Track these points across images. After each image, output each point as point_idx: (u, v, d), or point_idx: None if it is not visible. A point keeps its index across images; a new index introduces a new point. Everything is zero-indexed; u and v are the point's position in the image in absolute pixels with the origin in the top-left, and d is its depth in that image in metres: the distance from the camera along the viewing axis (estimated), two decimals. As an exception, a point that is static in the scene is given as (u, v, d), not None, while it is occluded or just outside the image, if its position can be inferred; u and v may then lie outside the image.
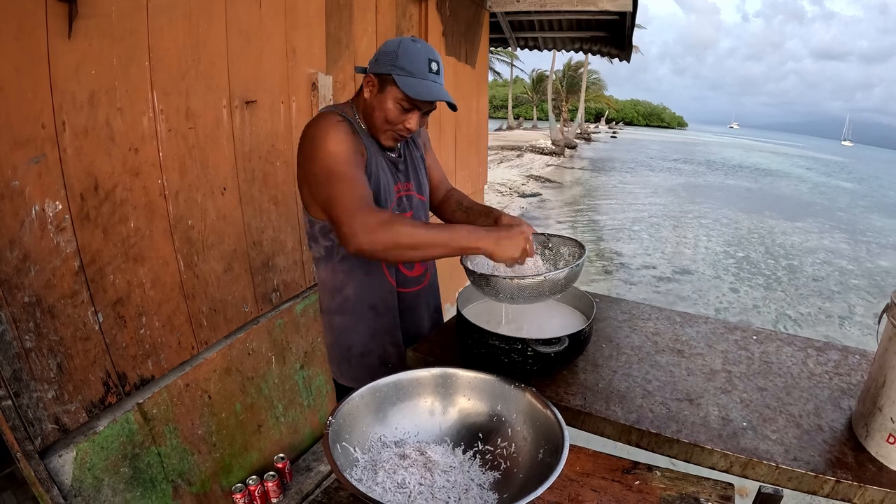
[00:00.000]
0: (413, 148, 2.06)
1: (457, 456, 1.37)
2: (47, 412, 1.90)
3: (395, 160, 1.95)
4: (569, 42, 7.24)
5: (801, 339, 2.03)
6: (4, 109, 1.66)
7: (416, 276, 2.05)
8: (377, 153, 1.86)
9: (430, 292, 2.19)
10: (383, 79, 1.76)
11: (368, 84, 1.81)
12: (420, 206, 2.04)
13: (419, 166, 2.06)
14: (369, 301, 1.96)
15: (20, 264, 1.76)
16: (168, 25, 2.14)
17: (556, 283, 1.65)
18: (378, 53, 1.79)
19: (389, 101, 1.77)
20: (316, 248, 1.93)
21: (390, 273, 1.96)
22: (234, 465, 2.81)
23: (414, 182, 2.02)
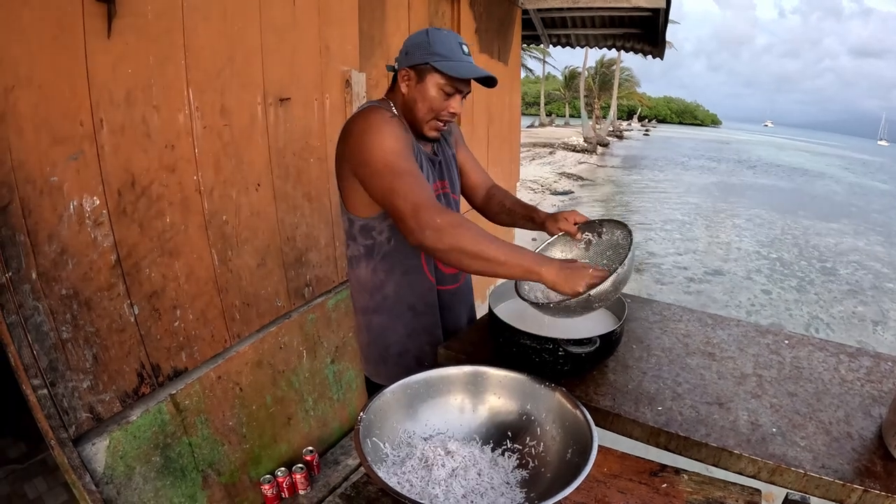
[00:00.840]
0: (445, 146, 2.04)
1: (485, 454, 1.38)
2: (82, 401, 1.95)
3: (432, 157, 1.94)
4: (601, 39, 7.19)
5: (834, 345, 2.00)
6: (44, 108, 1.70)
7: (453, 274, 2.05)
8: (419, 150, 1.85)
9: (466, 290, 2.19)
10: (420, 69, 1.76)
11: (405, 78, 1.80)
12: (455, 205, 2.04)
13: (451, 164, 2.06)
14: (408, 300, 1.96)
15: (58, 258, 1.81)
16: (203, 24, 2.17)
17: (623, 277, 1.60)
18: (407, 47, 1.79)
19: (431, 88, 1.76)
20: (354, 247, 1.92)
21: (430, 271, 1.96)
22: (263, 457, 2.84)
23: (448, 180, 2.02)
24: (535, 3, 5.58)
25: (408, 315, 1.98)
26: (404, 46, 1.80)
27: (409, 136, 1.76)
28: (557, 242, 2.02)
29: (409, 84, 1.80)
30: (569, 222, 1.90)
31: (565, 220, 1.90)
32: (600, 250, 1.95)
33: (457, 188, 2.07)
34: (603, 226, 1.93)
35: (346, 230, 1.93)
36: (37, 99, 1.68)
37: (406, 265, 1.91)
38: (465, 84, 1.79)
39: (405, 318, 1.98)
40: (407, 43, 1.79)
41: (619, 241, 1.86)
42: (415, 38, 1.77)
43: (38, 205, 1.73)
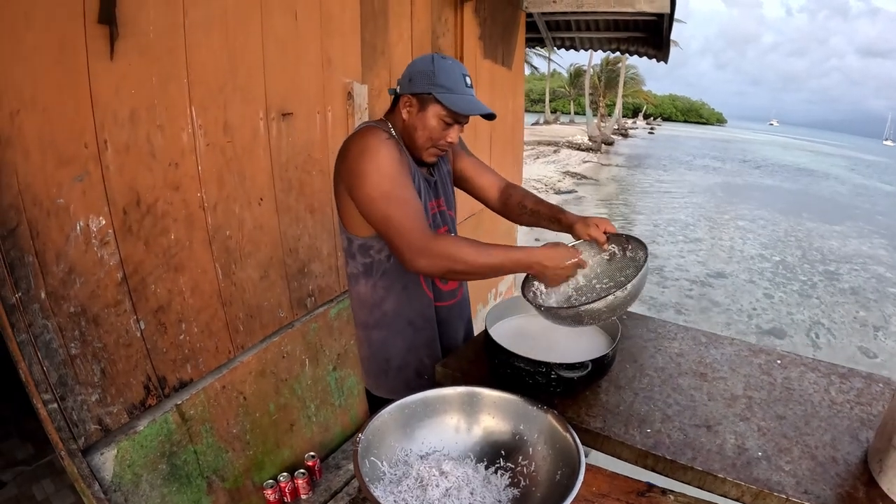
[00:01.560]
0: (441, 162, 2.06)
1: (479, 472, 1.41)
2: (90, 414, 1.99)
3: (427, 177, 1.96)
4: (606, 42, 7.18)
5: (826, 365, 2.00)
6: (49, 130, 1.74)
7: (450, 290, 2.08)
8: (415, 170, 1.88)
9: (464, 305, 2.22)
10: (423, 98, 1.78)
11: (406, 104, 1.82)
12: (451, 222, 2.07)
13: (447, 181, 2.09)
14: (407, 316, 1.99)
15: (66, 277, 1.85)
16: (205, 40, 2.21)
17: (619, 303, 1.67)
18: (411, 73, 1.81)
19: (431, 118, 1.79)
20: (353, 265, 1.95)
21: (428, 287, 1.99)
22: (266, 463, 2.88)
23: (444, 197, 2.04)
24: (539, 7, 5.57)
25: (408, 330, 2.00)
26: (408, 72, 1.81)
27: (405, 158, 1.80)
28: (581, 247, 2.01)
29: (409, 111, 1.82)
30: (599, 230, 1.91)
31: (596, 227, 1.91)
32: (620, 266, 1.95)
33: (452, 204, 2.10)
34: (630, 242, 1.94)
35: (344, 248, 1.96)
36: (42, 121, 1.72)
37: (405, 282, 1.94)
38: (464, 117, 1.82)
39: (405, 333, 2.01)
40: (411, 69, 1.81)
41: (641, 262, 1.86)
42: (419, 65, 1.79)
43: (45, 226, 1.76)
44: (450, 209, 2.07)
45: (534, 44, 7.48)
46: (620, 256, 1.96)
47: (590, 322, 1.69)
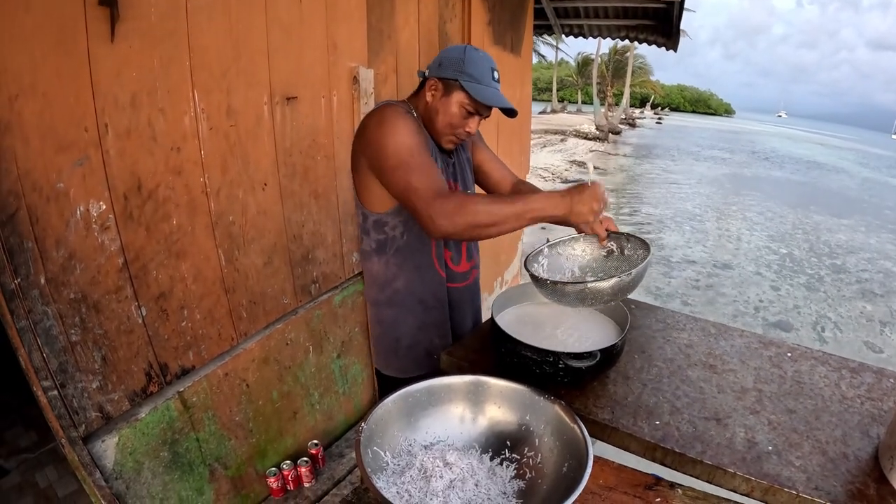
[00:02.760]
0: (461, 149, 2.10)
1: (484, 463, 1.39)
2: (91, 401, 1.98)
3: (446, 160, 2.00)
4: (615, 30, 7.13)
5: (836, 359, 1.98)
6: (48, 114, 1.71)
7: (462, 272, 2.11)
8: (434, 149, 1.91)
9: (475, 290, 2.24)
10: (449, 84, 1.83)
11: (432, 88, 1.87)
12: None
13: (466, 168, 2.11)
14: (419, 294, 2.02)
15: (66, 263, 1.83)
16: (208, 24, 2.17)
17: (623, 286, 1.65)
18: (442, 59, 1.85)
19: (454, 105, 1.83)
20: (367, 242, 1.98)
21: (441, 267, 2.02)
22: (269, 451, 2.88)
23: (461, 183, 2.07)
24: (548, -8, 5.55)
25: (418, 308, 2.04)
26: (439, 57, 1.86)
27: (424, 134, 1.83)
28: (579, 240, 2.02)
29: (434, 94, 1.87)
30: (602, 226, 1.86)
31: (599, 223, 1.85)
32: (617, 265, 1.94)
33: (470, 188, 2.11)
34: (630, 241, 1.92)
35: (359, 224, 1.99)
36: (41, 106, 1.69)
37: (418, 260, 1.97)
38: (486, 109, 1.86)
39: (416, 311, 2.04)
40: (442, 55, 1.85)
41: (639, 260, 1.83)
42: (451, 53, 1.84)
43: (45, 212, 1.74)
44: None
45: (542, 31, 7.43)
46: (618, 255, 1.95)
47: (591, 303, 1.67)
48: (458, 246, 2.07)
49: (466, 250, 2.11)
